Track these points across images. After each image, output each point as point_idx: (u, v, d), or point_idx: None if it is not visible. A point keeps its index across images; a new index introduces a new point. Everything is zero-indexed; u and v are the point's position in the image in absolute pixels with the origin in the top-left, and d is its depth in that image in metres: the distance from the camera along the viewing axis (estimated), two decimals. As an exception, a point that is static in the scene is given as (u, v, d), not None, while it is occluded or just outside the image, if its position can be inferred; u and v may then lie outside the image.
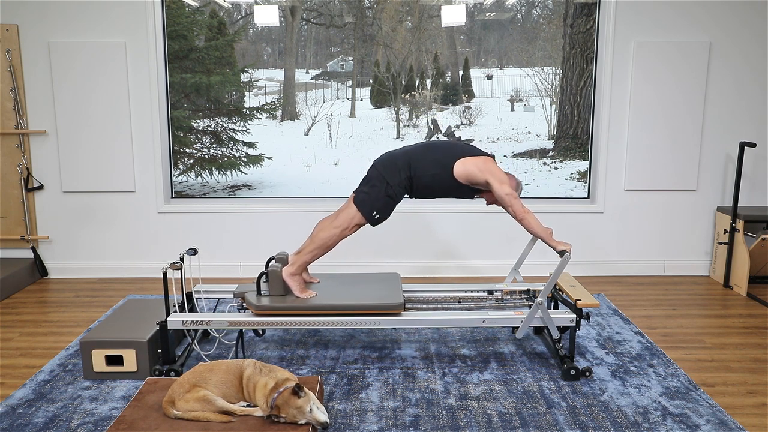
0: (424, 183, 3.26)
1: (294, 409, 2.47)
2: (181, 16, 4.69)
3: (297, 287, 3.27)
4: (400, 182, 3.24)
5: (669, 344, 3.65)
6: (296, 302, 3.20)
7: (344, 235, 3.28)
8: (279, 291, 3.27)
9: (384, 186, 3.23)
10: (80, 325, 3.94)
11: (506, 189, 3.17)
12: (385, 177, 3.24)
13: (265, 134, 4.88)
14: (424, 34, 4.79)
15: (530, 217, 3.16)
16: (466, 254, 4.97)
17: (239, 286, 3.46)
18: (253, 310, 3.20)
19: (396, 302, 3.20)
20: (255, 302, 3.20)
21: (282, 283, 3.27)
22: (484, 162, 3.25)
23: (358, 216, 3.25)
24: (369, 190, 3.26)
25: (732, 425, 2.75)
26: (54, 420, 2.78)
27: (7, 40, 4.57)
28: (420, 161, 3.26)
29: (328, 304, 3.19)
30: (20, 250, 4.89)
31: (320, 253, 3.29)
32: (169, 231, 4.89)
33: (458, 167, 3.23)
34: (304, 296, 3.26)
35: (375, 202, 3.24)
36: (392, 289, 3.38)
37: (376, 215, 3.26)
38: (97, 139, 4.71)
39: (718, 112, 4.78)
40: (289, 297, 3.26)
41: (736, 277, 4.61)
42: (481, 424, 2.76)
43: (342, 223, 3.26)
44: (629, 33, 4.65)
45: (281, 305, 3.18)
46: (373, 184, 3.26)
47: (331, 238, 3.27)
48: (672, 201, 4.90)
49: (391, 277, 3.61)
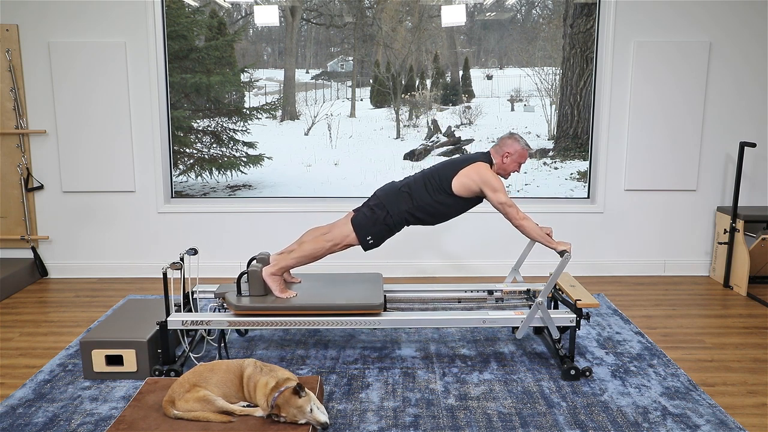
0: (429, 212, 3.29)
1: (294, 408, 2.47)
2: (181, 16, 4.69)
3: (277, 287, 3.27)
4: (399, 213, 3.26)
5: (669, 344, 3.65)
6: (276, 302, 3.20)
7: (333, 251, 3.28)
8: (259, 291, 3.27)
9: (384, 214, 3.25)
10: (80, 325, 3.94)
11: (500, 198, 3.19)
12: (386, 205, 3.26)
13: (265, 134, 4.88)
14: (424, 34, 4.79)
15: (527, 223, 3.17)
16: (466, 254, 4.97)
17: (220, 285, 3.46)
18: (233, 310, 3.20)
19: (376, 302, 3.20)
20: (235, 302, 3.20)
21: (262, 283, 3.27)
22: (476, 171, 3.24)
23: (352, 236, 3.26)
24: (369, 214, 3.27)
25: (732, 425, 2.75)
26: (54, 420, 2.78)
27: (7, 40, 4.57)
28: (420, 191, 3.27)
29: (308, 304, 3.20)
30: (20, 250, 4.89)
31: (304, 263, 3.29)
32: (169, 231, 4.89)
33: (455, 185, 3.26)
34: (284, 296, 3.26)
35: (372, 228, 3.25)
36: (373, 289, 3.38)
37: (370, 240, 3.27)
38: (97, 139, 4.71)
39: (718, 112, 4.78)
40: (269, 297, 3.26)
41: (736, 277, 4.61)
42: (481, 424, 2.76)
43: (334, 239, 3.26)
44: (629, 33, 4.65)
45: (261, 305, 3.18)
46: (374, 209, 3.27)
47: (319, 251, 3.27)
48: (672, 201, 4.90)
49: (373, 278, 3.62)
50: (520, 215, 3.17)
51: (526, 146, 3.33)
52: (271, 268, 3.27)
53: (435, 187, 3.27)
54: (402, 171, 4.91)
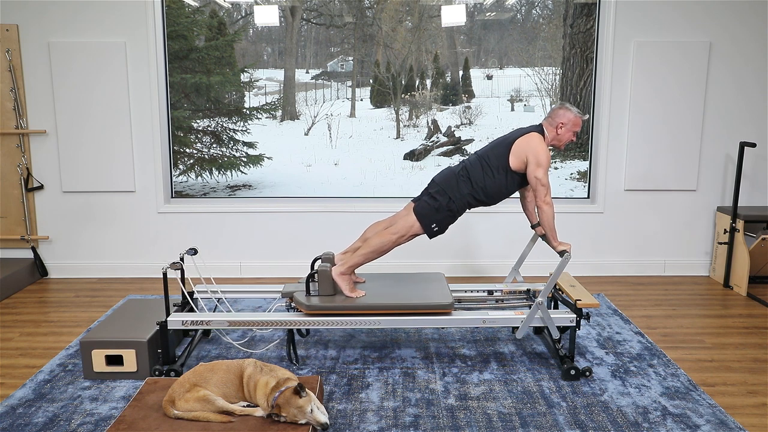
0: (489, 193, 3.27)
1: (295, 408, 2.47)
2: (181, 16, 4.69)
3: (347, 287, 3.28)
4: (462, 197, 3.24)
5: (669, 344, 3.65)
6: (346, 302, 3.21)
7: (399, 242, 3.27)
8: (329, 291, 3.28)
9: (446, 200, 3.23)
10: (80, 325, 3.94)
11: (539, 173, 3.15)
12: (446, 191, 3.24)
13: (265, 134, 4.88)
14: (424, 34, 4.79)
15: (549, 209, 3.18)
16: (466, 254, 4.97)
17: (286, 285, 3.46)
18: (303, 310, 3.21)
19: (446, 302, 3.22)
20: (305, 302, 3.20)
21: (332, 283, 3.27)
22: (527, 141, 3.21)
23: (417, 226, 3.25)
24: (431, 202, 3.25)
25: (732, 425, 2.75)
26: (54, 420, 2.78)
27: (7, 40, 4.57)
28: (477, 173, 3.25)
29: (380, 303, 3.20)
30: (20, 250, 4.89)
31: (373, 258, 3.29)
32: (169, 231, 4.89)
33: (512, 161, 3.22)
34: (354, 296, 3.26)
35: (435, 215, 3.24)
36: (441, 289, 3.40)
37: (435, 228, 3.25)
38: (97, 139, 4.71)
39: (718, 112, 4.78)
40: (338, 296, 3.27)
41: (736, 277, 4.61)
42: (481, 424, 2.76)
43: (399, 231, 3.26)
44: (629, 33, 4.65)
45: (332, 305, 3.19)
46: (435, 197, 3.25)
47: (387, 244, 3.26)
48: (672, 201, 4.90)
49: (436, 277, 3.63)
50: (547, 199, 3.17)
51: (579, 113, 3.29)
52: (341, 267, 3.29)
53: (492, 167, 3.24)
54: (402, 171, 4.91)
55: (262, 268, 4.93)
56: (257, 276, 4.91)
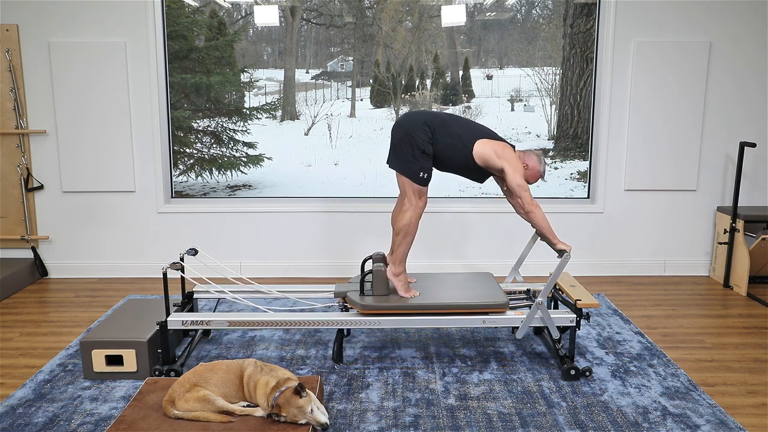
0: (439, 151, 3.23)
1: (295, 408, 2.47)
2: (181, 16, 4.69)
3: (402, 287, 3.29)
4: (424, 140, 3.19)
5: (669, 344, 3.65)
6: (401, 302, 3.23)
7: (419, 210, 3.25)
8: (383, 291, 3.28)
9: (411, 146, 3.18)
10: (80, 325, 3.94)
11: (519, 180, 3.16)
12: (411, 135, 3.19)
13: (265, 134, 4.88)
14: (424, 34, 4.79)
15: (538, 211, 3.17)
16: (466, 254, 4.97)
17: (338, 285, 3.47)
18: (359, 310, 3.22)
19: (501, 301, 3.23)
20: (360, 302, 3.21)
21: (386, 283, 3.28)
22: (503, 148, 3.24)
23: (414, 185, 3.21)
24: (402, 156, 3.21)
25: (732, 425, 2.75)
26: (54, 420, 2.78)
27: (7, 40, 4.57)
28: (442, 128, 3.22)
29: (435, 303, 3.22)
30: (20, 250, 4.88)
31: (410, 239, 3.28)
32: (169, 231, 4.89)
33: (478, 147, 3.22)
34: (409, 296, 3.27)
35: (414, 162, 3.19)
36: (493, 288, 3.41)
37: (423, 175, 3.21)
38: (97, 139, 4.71)
39: (718, 112, 4.78)
40: (392, 296, 3.28)
41: (736, 277, 4.61)
42: (481, 424, 2.76)
43: (410, 200, 3.24)
44: (629, 33, 4.65)
45: (387, 305, 3.21)
46: (402, 149, 3.21)
47: (411, 219, 3.25)
48: (672, 201, 4.90)
49: (485, 276, 3.64)
50: (532, 202, 3.16)
51: (543, 172, 3.34)
52: (395, 267, 3.29)
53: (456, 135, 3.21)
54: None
55: (262, 268, 4.93)
56: (256, 276, 4.91)
